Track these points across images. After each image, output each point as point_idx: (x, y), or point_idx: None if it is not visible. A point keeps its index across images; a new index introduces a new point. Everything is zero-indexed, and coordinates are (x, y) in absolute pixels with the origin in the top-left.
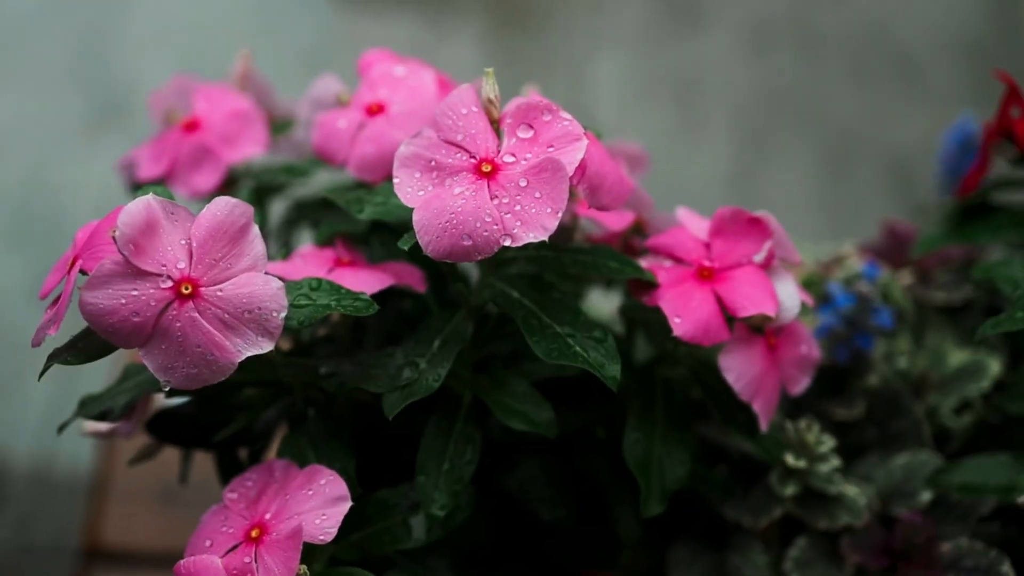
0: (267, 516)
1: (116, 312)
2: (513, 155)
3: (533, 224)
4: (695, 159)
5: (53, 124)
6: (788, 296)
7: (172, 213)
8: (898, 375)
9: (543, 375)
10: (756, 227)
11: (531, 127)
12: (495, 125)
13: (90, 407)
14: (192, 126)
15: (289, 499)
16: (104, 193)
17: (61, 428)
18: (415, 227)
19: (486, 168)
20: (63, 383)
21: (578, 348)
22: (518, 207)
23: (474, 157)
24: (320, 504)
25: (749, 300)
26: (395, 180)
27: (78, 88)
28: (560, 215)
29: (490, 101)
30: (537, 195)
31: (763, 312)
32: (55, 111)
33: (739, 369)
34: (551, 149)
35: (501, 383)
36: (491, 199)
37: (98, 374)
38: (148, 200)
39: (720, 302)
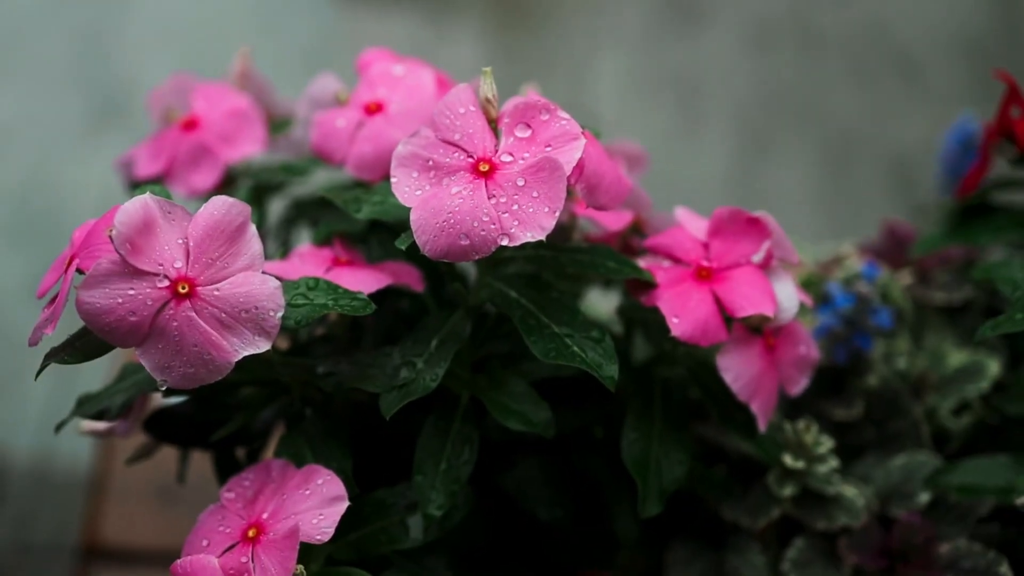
0: (264, 516)
1: (113, 311)
2: (511, 154)
3: (531, 223)
4: (695, 159)
5: (53, 124)
6: (786, 296)
7: (169, 212)
8: (897, 376)
9: (541, 375)
10: (755, 227)
11: (529, 126)
12: (493, 124)
13: (87, 406)
14: (190, 125)
15: (286, 499)
16: (104, 193)
17: (59, 427)
18: (412, 226)
19: (484, 167)
20: (62, 382)
21: (576, 348)
22: (515, 206)
23: (472, 156)
24: (317, 504)
25: (747, 300)
26: (393, 179)
27: (78, 88)
28: (557, 214)
29: (488, 100)
30: (535, 194)
31: (761, 312)
32: (55, 111)
33: (737, 369)
34: (549, 148)
35: (499, 383)
36: (488, 198)
37: (97, 373)
38: (145, 199)
39: (718, 302)
